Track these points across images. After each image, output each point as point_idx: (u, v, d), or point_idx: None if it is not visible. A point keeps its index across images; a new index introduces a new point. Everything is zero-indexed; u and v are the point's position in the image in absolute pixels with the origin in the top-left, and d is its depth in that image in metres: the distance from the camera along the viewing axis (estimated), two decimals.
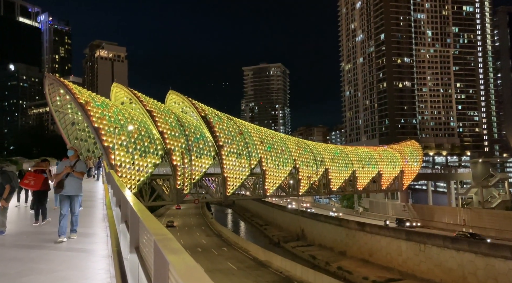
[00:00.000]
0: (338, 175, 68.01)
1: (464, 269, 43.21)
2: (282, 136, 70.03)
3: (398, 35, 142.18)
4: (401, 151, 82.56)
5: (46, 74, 51.07)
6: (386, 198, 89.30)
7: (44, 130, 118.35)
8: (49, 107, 52.30)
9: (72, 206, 9.37)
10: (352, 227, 62.79)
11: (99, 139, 40.44)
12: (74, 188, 9.46)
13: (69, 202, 9.36)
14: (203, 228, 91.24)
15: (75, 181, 9.48)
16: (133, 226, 5.23)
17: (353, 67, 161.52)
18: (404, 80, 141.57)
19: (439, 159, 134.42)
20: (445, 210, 72.66)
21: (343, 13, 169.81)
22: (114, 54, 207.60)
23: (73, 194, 9.43)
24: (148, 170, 44.48)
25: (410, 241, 50.72)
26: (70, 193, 9.39)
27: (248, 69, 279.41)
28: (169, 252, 2.63)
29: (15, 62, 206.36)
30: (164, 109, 50.81)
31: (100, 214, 12.98)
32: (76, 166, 9.49)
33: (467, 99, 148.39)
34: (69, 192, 9.39)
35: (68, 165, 9.48)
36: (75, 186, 9.47)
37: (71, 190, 9.41)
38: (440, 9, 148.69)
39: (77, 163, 9.58)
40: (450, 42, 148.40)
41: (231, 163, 51.80)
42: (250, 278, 48.35)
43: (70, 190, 9.41)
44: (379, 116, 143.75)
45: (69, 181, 9.40)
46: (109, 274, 6.14)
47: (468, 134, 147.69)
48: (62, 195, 9.38)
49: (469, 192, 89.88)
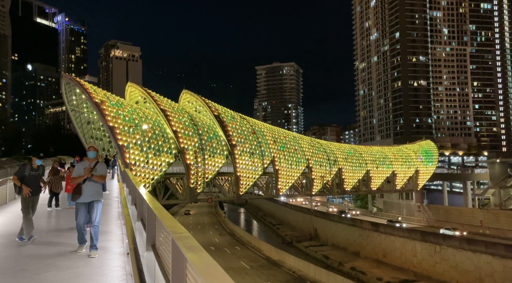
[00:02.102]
0: (352, 175, 67.48)
1: (480, 271, 42.43)
2: (295, 135, 69.82)
3: (414, 33, 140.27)
4: (416, 151, 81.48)
5: (63, 74, 51.95)
6: (401, 198, 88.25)
7: (60, 129, 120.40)
8: (65, 106, 53.23)
9: (91, 214, 7.98)
10: (366, 227, 62.22)
11: (114, 138, 40.93)
12: (93, 193, 8.10)
13: (87, 210, 8.03)
14: (216, 226, 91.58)
15: (94, 185, 8.16)
16: (150, 224, 5.27)
17: (367, 66, 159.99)
18: (419, 79, 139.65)
19: (455, 159, 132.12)
20: (461, 211, 71.46)
21: (357, 11, 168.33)
22: (129, 54, 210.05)
23: (92, 200, 8.07)
24: (162, 168, 44.85)
25: (426, 242, 50.01)
26: (88, 199, 8.04)
27: (261, 68, 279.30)
28: (187, 250, 2.63)
29: (33, 62, 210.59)
30: (178, 109, 51.16)
31: (115, 212, 13.13)
32: (96, 169, 8.22)
33: (484, 98, 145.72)
34: (87, 198, 8.04)
35: (88, 166, 8.19)
36: (94, 191, 8.12)
37: (89, 196, 8.05)
38: (457, 6, 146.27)
39: (97, 165, 8.33)
40: (467, 40, 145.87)
41: (244, 162, 51.88)
42: (263, 277, 48.35)
43: (88, 196, 8.05)
44: (394, 116, 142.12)
45: (88, 185, 8.09)
46: (124, 271, 6.20)
47: (485, 134, 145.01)
48: (78, 202, 8.07)
49: (486, 193, 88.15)
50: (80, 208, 8.03)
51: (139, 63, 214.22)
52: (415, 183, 77.73)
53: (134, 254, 4.79)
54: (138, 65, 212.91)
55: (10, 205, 15.11)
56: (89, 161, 8.34)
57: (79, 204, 8.05)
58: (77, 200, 8.04)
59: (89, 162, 8.31)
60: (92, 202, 8.08)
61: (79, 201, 8.03)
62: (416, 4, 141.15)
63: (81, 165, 8.29)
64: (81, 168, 8.19)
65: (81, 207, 8.02)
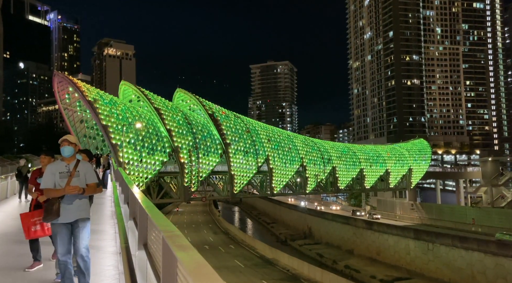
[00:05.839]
0: (346, 173, 67.76)
1: (473, 269, 42.86)
2: (289, 134, 69.94)
3: (407, 32, 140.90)
4: (410, 149, 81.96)
5: (55, 72, 51.50)
6: (394, 196, 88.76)
7: (53, 128, 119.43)
8: (58, 105, 52.77)
9: (77, 239, 5.27)
10: (360, 225, 62.56)
11: (107, 137, 40.73)
12: (77, 207, 5.33)
13: (71, 234, 5.31)
14: (210, 225, 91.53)
15: (77, 199, 5.36)
16: (142, 223, 5.24)
17: (361, 65, 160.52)
18: (412, 78, 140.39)
19: (448, 157, 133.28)
20: (454, 208, 72.07)
21: (351, 10, 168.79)
22: (122, 52, 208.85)
23: (76, 218, 5.32)
24: (155, 167, 44.72)
25: (418, 240, 50.41)
26: (70, 218, 5.29)
27: (256, 67, 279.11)
28: (178, 249, 2.62)
29: (25, 60, 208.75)
30: (172, 107, 51.01)
31: (108, 211, 13.07)
32: (78, 173, 5.43)
33: (477, 97, 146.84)
34: (69, 216, 5.28)
35: (66, 171, 5.40)
36: (78, 205, 5.35)
37: (71, 213, 5.29)
38: (450, 6, 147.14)
39: (79, 167, 5.48)
40: (459, 40, 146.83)
41: (238, 160, 51.88)
42: (257, 276, 48.44)
43: (71, 213, 5.29)
44: (387, 114, 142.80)
45: (68, 198, 5.28)
46: (117, 271, 6.18)
47: (478, 132, 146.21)
48: (56, 224, 5.28)
49: (478, 191, 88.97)
50: (59, 231, 5.25)
51: (132, 61, 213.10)
52: (408, 181, 78.23)
53: (125, 253, 4.78)
54: (131, 64, 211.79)
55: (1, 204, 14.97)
56: (66, 161, 5.53)
57: (57, 225, 5.27)
58: (55, 221, 5.26)
59: (66, 162, 5.52)
60: (76, 222, 5.33)
61: (57, 222, 5.26)
62: (410, 3, 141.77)
63: (53, 168, 5.45)
64: (53, 172, 5.40)
65: (61, 230, 5.25)
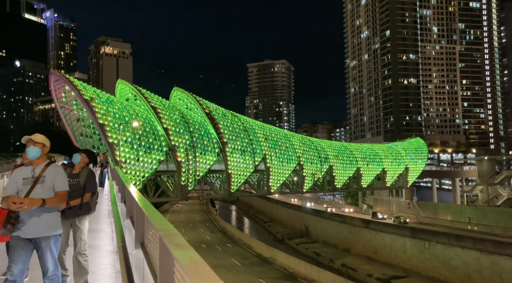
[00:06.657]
0: (343, 172, 67.90)
1: (469, 267, 43.04)
2: (286, 133, 70.01)
3: (404, 31, 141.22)
4: (406, 148, 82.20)
5: (52, 71, 51.29)
6: (391, 195, 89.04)
7: (49, 126, 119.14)
8: (54, 103, 52.60)
9: (42, 259, 4.39)
10: (356, 224, 62.68)
11: (104, 136, 40.65)
12: (41, 223, 4.37)
13: (31, 252, 4.40)
14: (207, 224, 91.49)
15: (42, 211, 4.37)
16: (138, 221, 5.26)
17: (358, 64, 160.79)
18: (409, 77, 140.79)
19: (444, 156, 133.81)
20: (450, 207, 72.35)
21: (348, 9, 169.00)
22: (119, 50, 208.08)
23: (38, 235, 4.36)
24: (152, 166, 44.66)
25: (415, 239, 50.55)
26: (32, 234, 4.34)
27: (253, 65, 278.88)
28: (175, 247, 2.64)
29: (21, 59, 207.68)
30: (169, 106, 50.94)
31: (105, 210, 13.06)
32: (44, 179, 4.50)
33: (473, 96, 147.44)
34: (30, 231, 4.33)
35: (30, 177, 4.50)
36: (43, 220, 4.38)
37: (34, 228, 4.34)
38: (447, 5, 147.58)
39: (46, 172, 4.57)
40: (456, 39, 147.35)
41: (235, 159, 51.88)
42: (254, 275, 48.46)
43: (32, 228, 4.33)
44: (384, 113, 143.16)
45: (29, 210, 4.28)
46: (114, 269, 6.18)
47: (474, 131, 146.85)
48: (15, 237, 4.33)
49: (474, 190, 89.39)
50: (15, 245, 4.32)
51: (129, 60, 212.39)
52: (405, 180, 78.47)
53: (122, 252, 4.79)
54: (128, 62, 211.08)
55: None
56: (33, 165, 4.60)
57: (15, 238, 4.34)
58: (14, 234, 4.31)
59: (32, 166, 4.59)
60: (39, 240, 4.36)
61: (16, 235, 4.32)
62: (406, 2, 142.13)
63: (22, 173, 4.56)
64: (16, 178, 4.51)
65: (18, 245, 4.31)
